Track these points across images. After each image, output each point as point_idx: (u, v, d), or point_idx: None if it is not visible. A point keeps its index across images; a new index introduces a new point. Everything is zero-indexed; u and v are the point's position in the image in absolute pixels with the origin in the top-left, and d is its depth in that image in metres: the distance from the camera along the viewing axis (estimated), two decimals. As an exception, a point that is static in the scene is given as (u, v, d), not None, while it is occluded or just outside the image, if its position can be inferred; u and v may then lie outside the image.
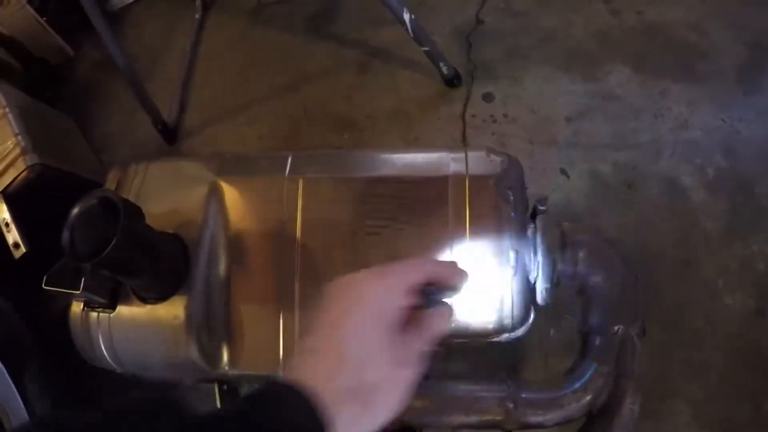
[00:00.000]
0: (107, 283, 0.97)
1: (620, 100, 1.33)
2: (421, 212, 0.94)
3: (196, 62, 1.66)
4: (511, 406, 0.91)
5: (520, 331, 0.92)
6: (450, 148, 0.98)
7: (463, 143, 1.30)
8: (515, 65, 1.38)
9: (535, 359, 1.13)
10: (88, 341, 0.96)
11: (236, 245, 0.96)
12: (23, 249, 1.27)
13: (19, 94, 1.51)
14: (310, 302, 0.92)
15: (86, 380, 1.20)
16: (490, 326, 0.90)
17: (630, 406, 0.91)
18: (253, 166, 1.02)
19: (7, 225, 1.30)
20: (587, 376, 0.92)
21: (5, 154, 1.36)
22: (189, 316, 0.91)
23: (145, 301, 0.93)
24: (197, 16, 1.76)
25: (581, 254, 0.96)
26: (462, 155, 0.97)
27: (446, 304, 0.52)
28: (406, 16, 1.23)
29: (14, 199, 1.32)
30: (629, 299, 0.94)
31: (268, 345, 0.91)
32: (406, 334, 0.47)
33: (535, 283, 0.97)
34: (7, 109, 1.42)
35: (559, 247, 0.96)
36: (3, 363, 1.01)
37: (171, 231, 0.95)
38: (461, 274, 0.54)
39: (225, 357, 0.92)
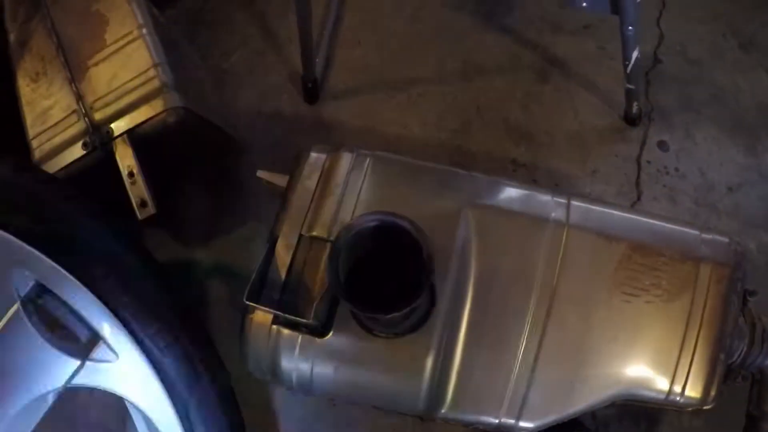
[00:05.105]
0: (327, 308, 0.89)
1: (772, 183, 1.38)
2: (671, 291, 0.95)
3: (343, 14, 1.48)
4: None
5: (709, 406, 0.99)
6: (700, 227, 0.99)
7: (636, 188, 1.31)
8: (688, 118, 1.39)
9: (669, 414, 1.21)
10: (269, 356, 0.89)
11: (483, 284, 0.91)
12: (151, 210, 1.06)
13: (156, 13, 1.23)
14: (552, 359, 0.91)
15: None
16: (694, 402, 0.96)
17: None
18: (510, 197, 0.97)
19: (131, 175, 1.07)
20: (750, 456, 1.02)
21: (138, 85, 1.11)
22: (428, 357, 0.87)
23: (370, 332, 0.87)
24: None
25: (775, 350, 1.04)
26: (710, 237, 0.99)
27: None
28: (634, 54, 1.18)
29: (142, 144, 1.10)
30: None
31: (495, 394, 0.89)
32: None
33: (730, 367, 1.04)
34: (144, 30, 1.15)
35: (760, 341, 1.03)
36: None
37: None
38: None
39: (448, 399, 0.89)
